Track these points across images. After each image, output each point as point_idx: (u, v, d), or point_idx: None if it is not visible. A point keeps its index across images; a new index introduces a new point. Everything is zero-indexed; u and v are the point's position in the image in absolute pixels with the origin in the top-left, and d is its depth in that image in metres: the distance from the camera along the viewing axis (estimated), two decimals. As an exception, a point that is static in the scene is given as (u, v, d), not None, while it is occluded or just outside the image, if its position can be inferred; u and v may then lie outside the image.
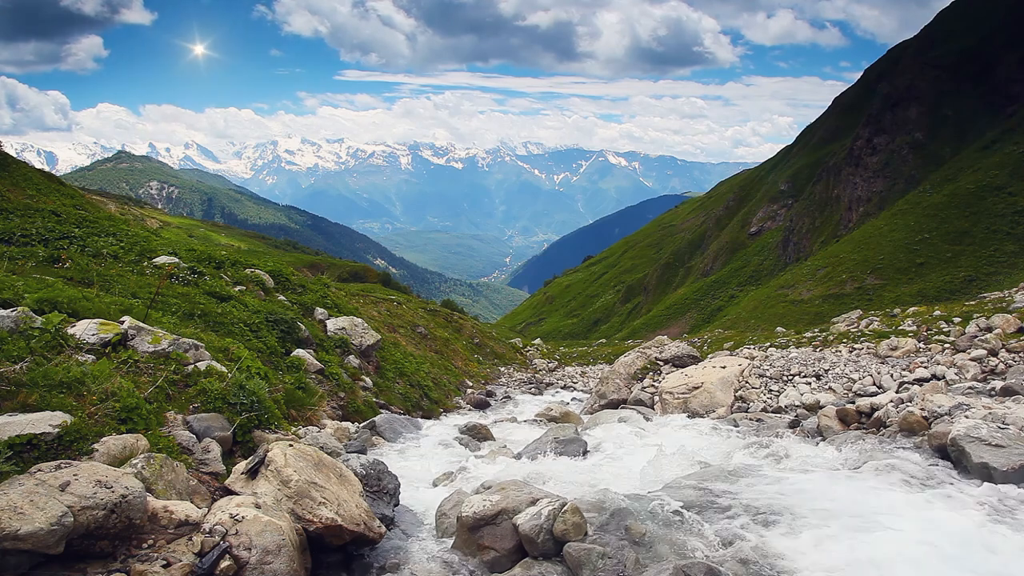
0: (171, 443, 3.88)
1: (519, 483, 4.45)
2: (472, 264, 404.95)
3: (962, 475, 4.57)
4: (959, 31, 62.69)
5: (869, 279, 45.70)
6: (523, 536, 3.73)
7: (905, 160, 59.24)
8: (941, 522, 3.84)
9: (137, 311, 5.77)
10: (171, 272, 8.48)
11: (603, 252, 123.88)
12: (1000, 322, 9.49)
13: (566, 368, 24.59)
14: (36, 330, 4.23)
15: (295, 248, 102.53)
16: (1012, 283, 25.36)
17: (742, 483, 4.75)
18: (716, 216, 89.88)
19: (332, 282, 20.54)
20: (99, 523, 2.72)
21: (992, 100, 56.26)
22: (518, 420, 10.13)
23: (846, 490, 4.50)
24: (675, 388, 9.92)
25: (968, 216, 45.31)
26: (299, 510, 3.48)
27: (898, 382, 8.31)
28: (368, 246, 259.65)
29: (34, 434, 3.07)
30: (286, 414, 5.97)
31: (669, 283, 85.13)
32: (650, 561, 3.50)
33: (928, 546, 3.55)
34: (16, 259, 7.26)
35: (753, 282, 68.49)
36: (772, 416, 7.98)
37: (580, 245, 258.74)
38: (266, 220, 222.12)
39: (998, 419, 4.92)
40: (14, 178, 20.62)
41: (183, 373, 4.83)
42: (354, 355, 10.30)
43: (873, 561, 3.41)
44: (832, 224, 63.98)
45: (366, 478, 4.38)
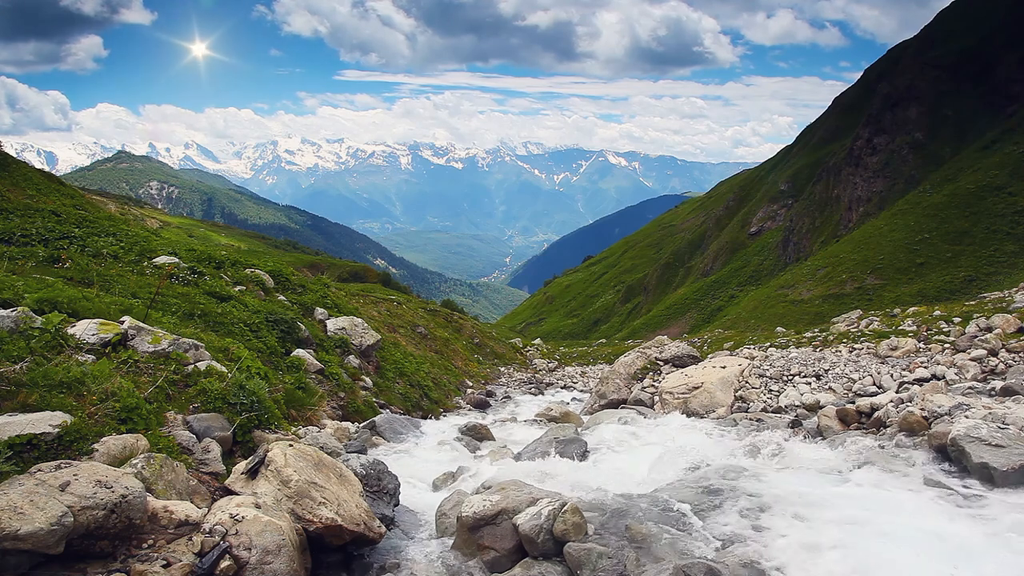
0: (171, 443, 3.88)
1: (519, 483, 4.46)
2: (472, 264, 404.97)
3: (962, 475, 4.56)
4: (959, 31, 62.69)
5: (869, 279, 45.70)
6: (523, 536, 3.73)
7: (905, 160, 59.24)
8: (941, 522, 3.84)
9: (137, 311, 5.77)
10: (171, 272, 8.48)
11: (603, 252, 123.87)
12: (1000, 322, 9.49)
13: (566, 368, 24.59)
14: (36, 330, 4.23)
15: (295, 248, 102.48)
16: (1012, 283, 25.36)
17: (742, 483, 4.75)
18: (716, 216, 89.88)
19: (332, 282, 20.54)
20: (99, 523, 2.72)
21: (992, 100, 56.25)
22: (518, 420, 10.13)
23: (846, 490, 4.50)
24: (675, 388, 9.92)
25: (968, 216, 45.31)
26: (299, 510, 3.48)
27: (898, 382, 8.31)
28: (368, 246, 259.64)
29: (34, 434, 3.07)
30: (286, 414, 5.97)
31: (669, 283, 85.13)
32: (650, 561, 3.50)
33: (928, 546, 3.54)
34: (16, 259, 7.26)
35: (753, 282, 68.48)
36: (772, 416, 7.98)
37: (580, 245, 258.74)
38: (266, 220, 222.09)
39: (998, 419, 4.91)
40: (14, 178, 20.61)
41: (183, 373, 4.83)
42: (354, 355, 10.30)
43: (873, 561, 3.41)
44: (832, 224, 63.98)
45: (366, 478, 4.38)
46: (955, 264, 43.02)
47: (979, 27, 60.44)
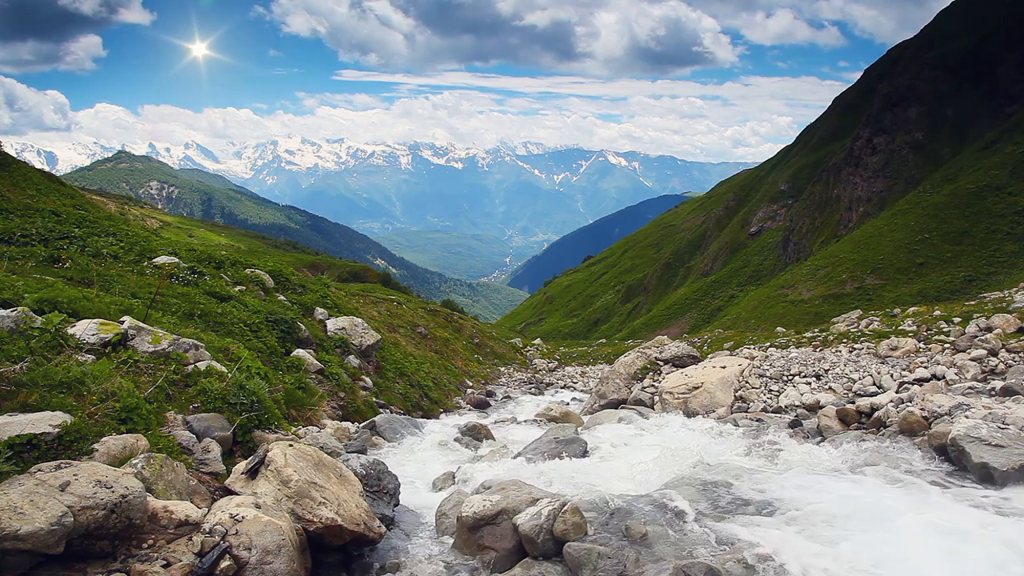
0: (171, 443, 3.88)
1: (519, 483, 4.46)
2: (472, 264, 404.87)
3: (962, 475, 4.57)
4: (959, 31, 62.69)
5: (869, 279, 45.69)
6: (523, 536, 3.73)
7: (905, 160, 59.22)
8: (941, 522, 3.83)
9: (137, 311, 5.76)
10: (171, 272, 8.48)
11: (603, 252, 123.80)
12: (1000, 322, 9.49)
13: (566, 368, 24.58)
14: (36, 330, 4.23)
15: (295, 248, 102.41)
16: (1012, 283, 25.35)
17: (742, 483, 4.75)
18: (716, 216, 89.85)
19: (332, 282, 20.53)
20: (99, 523, 2.72)
21: (992, 100, 56.26)
22: (518, 420, 10.13)
23: (846, 490, 4.49)
24: (675, 388, 9.92)
25: (968, 216, 45.29)
26: (299, 510, 3.48)
27: (898, 382, 8.31)
28: (368, 246, 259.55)
29: (34, 434, 3.07)
30: (286, 414, 5.97)
31: (669, 283, 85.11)
32: (650, 561, 3.50)
33: (928, 546, 3.54)
34: (16, 259, 7.26)
35: (753, 282, 68.46)
36: (772, 416, 7.98)
37: (580, 245, 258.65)
38: (266, 220, 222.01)
39: (998, 419, 4.92)
40: (14, 178, 20.61)
41: (183, 373, 4.83)
42: (354, 355, 10.30)
43: (872, 561, 3.41)
44: (832, 224, 63.95)
45: (366, 478, 4.38)
46: (955, 264, 43.01)
47: (979, 27, 60.45)
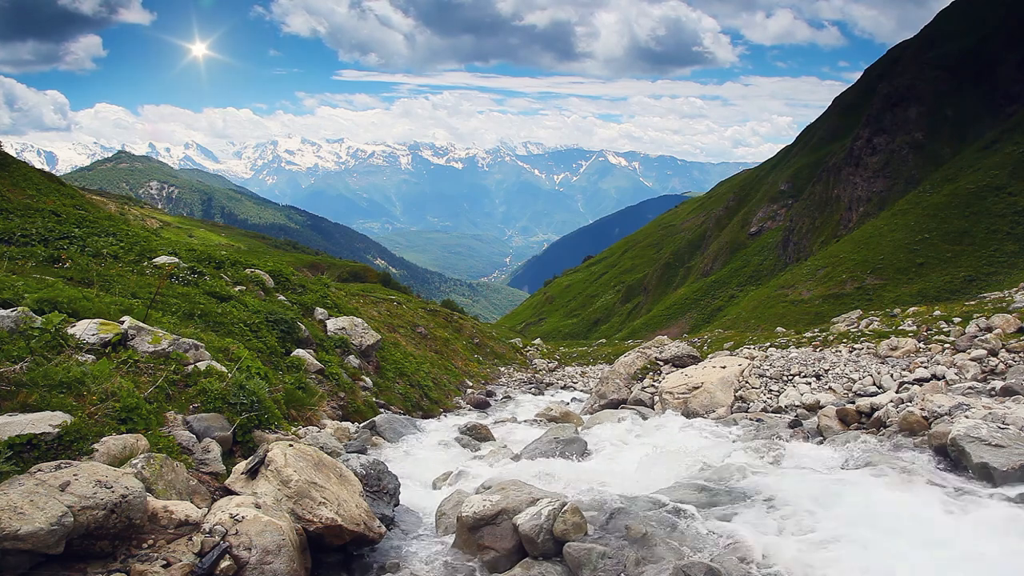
0: (171, 443, 3.88)
1: (519, 483, 4.46)
2: (472, 264, 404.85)
3: (962, 475, 4.57)
4: (959, 31, 62.69)
5: (869, 279, 45.68)
6: (523, 536, 3.73)
7: (905, 160, 59.21)
8: (941, 522, 3.84)
9: (137, 311, 5.76)
10: (171, 272, 8.48)
11: (603, 252, 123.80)
12: (1000, 322, 9.49)
13: (566, 368, 24.58)
14: (36, 330, 4.23)
15: (295, 248, 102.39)
16: (1012, 283, 25.34)
17: (742, 483, 4.75)
18: (716, 216, 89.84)
19: (332, 282, 20.53)
20: (99, 523, 2.72)
21: (992, 100, 56.26)
22: (518, 420, 10.13)
23: (846, 490, 4.49)
24: (675, 388, 9.92)
25: (968, 216, 45.29)
26: (299, 510, 3.48)
27: (898, 382, 8.31)
28: (368, 246, 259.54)
29: (34, 434, 3.07)
30: (286, 414, 5.97)
31: (669, 283, 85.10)
32: (650, 561, 3.50)
33: (928, 546, 3.55)
34: (16, 259, 7.26)
35: (753, 282, 68.45)
36: (772, 416, 7.98)
37: (580, 245, 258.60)
38: (266, 220, 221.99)
39: (998, 419, 4.92)
40: (14, 178, 20.61)
41: (183, 373, 4.83)
42: (354, 355, 10.30)
43: (873, 560, 3.41)
44: (832, 224, 63.95)
45: (366, 478, 4.38)
46: (955, 264, 43.01)
47: (979, 27, 60.44)
